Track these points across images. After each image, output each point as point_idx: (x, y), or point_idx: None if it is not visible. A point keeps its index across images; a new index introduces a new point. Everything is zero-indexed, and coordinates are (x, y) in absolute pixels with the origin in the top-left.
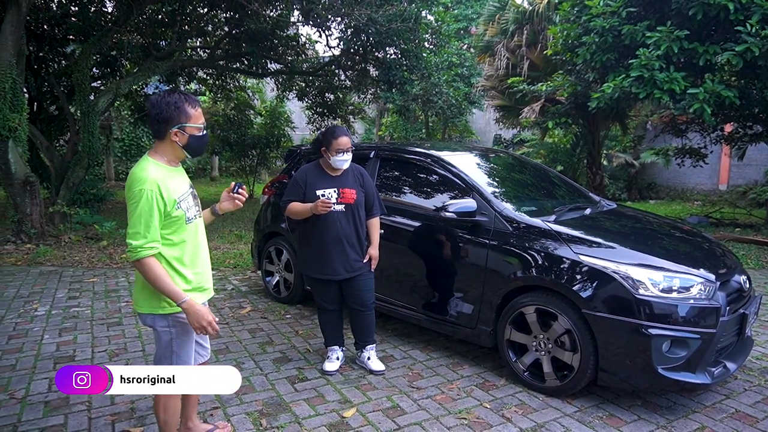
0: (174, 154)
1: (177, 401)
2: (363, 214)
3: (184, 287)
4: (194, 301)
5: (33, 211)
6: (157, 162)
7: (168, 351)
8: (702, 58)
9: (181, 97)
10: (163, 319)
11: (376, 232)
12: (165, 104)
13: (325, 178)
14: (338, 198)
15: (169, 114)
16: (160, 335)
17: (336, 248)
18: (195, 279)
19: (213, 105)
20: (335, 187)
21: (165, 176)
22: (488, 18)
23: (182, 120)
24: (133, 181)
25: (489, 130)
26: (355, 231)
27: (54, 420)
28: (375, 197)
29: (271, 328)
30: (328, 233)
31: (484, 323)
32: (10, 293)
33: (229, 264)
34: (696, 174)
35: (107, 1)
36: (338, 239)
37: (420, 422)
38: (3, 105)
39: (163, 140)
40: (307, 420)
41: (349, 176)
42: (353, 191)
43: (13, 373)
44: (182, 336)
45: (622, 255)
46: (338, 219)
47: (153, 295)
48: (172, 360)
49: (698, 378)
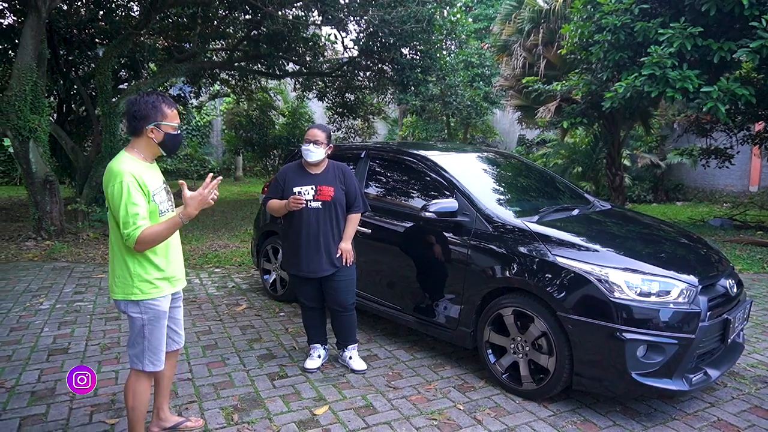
0: (149, 151)
1: (147, 388)
2: (342, 210)
3: (156, 275)
4: (183, 211)
5: (52, 209)
6: (133, 157)
7: (140, 336)
8: (716, 55)
9: (159, 98)
10: (135, 305)
11: (351, 226)
12: (143, 103)
13: (304, 176)
14: (315, 195)
15: (146, 112)
16: (133, 321)
17: (312, 245)
18: (166, 268)
19: (236, 106)
20: (313, 185)
21: (140, 169)
22: (504, 17)
23: (159, 118)
24: (110, 175)
25: (513, 131)
26: (332, 229)
27: (36, 409)
28: (357, 194)
29: (262, 326)
30: (304, 230)
31: (464, 324)
32: (21, 287)
33: (234, 262)
34: (725, 175)
35: (134, 5)
36: (314, 236)
37: (389, 422)
38: (24, 106)
39: (139, 137)
40: (278, 416)
41: (329, 174)
42: (331, 189)
43: (7, 363)
44: (154, 322)
45: (601, 257)
46: (314, 216)
47: (125, 281)
48: (144, 345)
49: (675, 384)
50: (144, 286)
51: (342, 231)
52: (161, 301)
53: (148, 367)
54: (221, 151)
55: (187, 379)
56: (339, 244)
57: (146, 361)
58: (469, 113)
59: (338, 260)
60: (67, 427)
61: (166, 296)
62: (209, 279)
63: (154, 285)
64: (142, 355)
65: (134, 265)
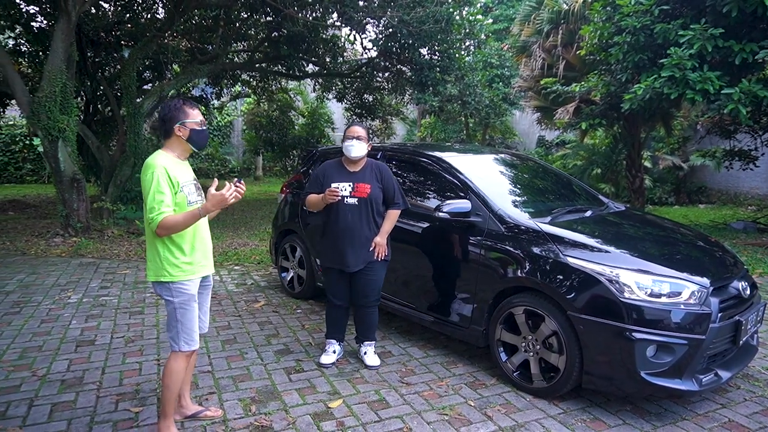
0: (181, 148)
1: (183, 368)
2: (379, 208)
3: (182, 259)
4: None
5: (79, 207)
6: (167, 154)
7: (174, 319)
8: (738, 56)
9: (181, 101)
10: (167, 289)
11: (389, 222)
12: (168, 107)
13: (342, 173)
14: (352, 191)
15: (171, 114)
16: (167, 305)
17: (347, 240)
18: (191, 254)
19: (257, 106)
20: (351, 182)
21: (171, 164)
22: (524, 18)
23: (182, 117)
24: (144, 168)
25: (532, 132)
26: (367, 224)
27: (66, 397)
28: (396, 192)
29: (280, 322)
30: (341, 225)
31: (477, 323)
32: (50, 281)
33: (253, 260)
34: (750, 177)
35: (158, 8)
36: (350, 231)
37: (401, 416)
38: (54, 107)
39: (170, 137)
40: (294, 408)
41: (366, 172)
42: (368, 186)
43: (39, 353)
44: (185, 305)
45: (612, 258)
46: (349, 212)
47: (156, 264)
48: (178, 327)
49: (685, 385)
50: (171, 269)
51: (378, 227)
52: (189, 284)
53: (184, 347)
54: (242, 150)
55: (207, 372)
56: (374, 239)
57: (182, 342)
58: (488, 114)
59: (370, 254)
60: (94, 413)
61: (193, 280)
62: (229, 276)
63: (180, 269)
64: (177, 337)
65: (163, 250)
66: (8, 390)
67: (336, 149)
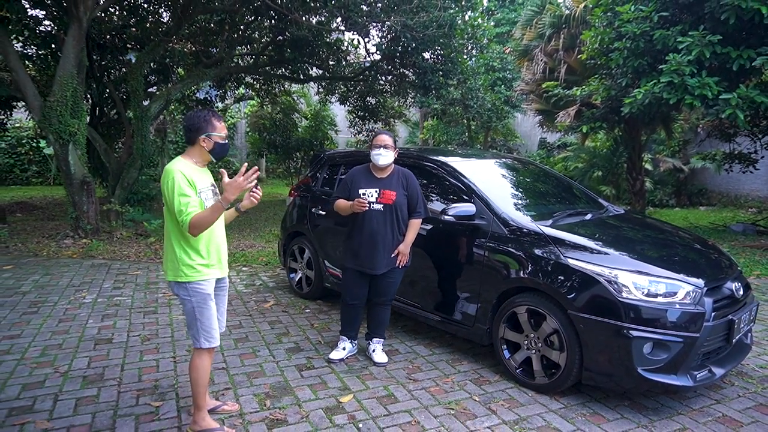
0: (201, 157)
1: (207, 364)
2: (404, 215)
3: (198, 261)
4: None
5: (89, 209)
6: (186, 161)
7: (193, 318)
8: (736, 62)
9: (210, 113)
10: (184, 289)
11: (412, 231)
12: (197, 118)
13: (370, 179)
14: (378, 198)
15: (199, 125)
16: (185, 304)
17: (370, 244)
18: (207, 255)
19: (260, 109)
20: (377, 188)
21: (190, 170)
22: (526, 22)
23: (209, 130)
24: (165, 174)
25: (534, 134)
26: (391, 230)
27: (89, 392)
28: (419, 200)
29: (289, 321)
30: (366, 229)
31: (481, 322)
32: (64, 282)
33: (261, 261)
34: (751, 180)
35: (164, 12)
36: (375, 236)
37: (410, 410)
38: (64, 111)
39: (193, 145)
40: (306, 403)
41: (393, 179)
42: (393, 193)
43: (59, 351)
44: (202, 304)
45: (611, 259)
46: (375, 217)
47: (174, 265)
48: (197, 326)
49: (680, 380)
50: (188, 270)
51: (402, 233)
52: (205, 284)
53: (204, 344)
54: (245, 153)
55: (222, 369)
56: (398, 246)
57: (202, 339)
58: (490, 117)
59: (393, 260)
60: (117, 407)
61: (209, 280)
62: (238, 277)
63: (196, 269)
64: (198, 335)
65: (180, 251)
66: (33, 386)
67: (343, 153)
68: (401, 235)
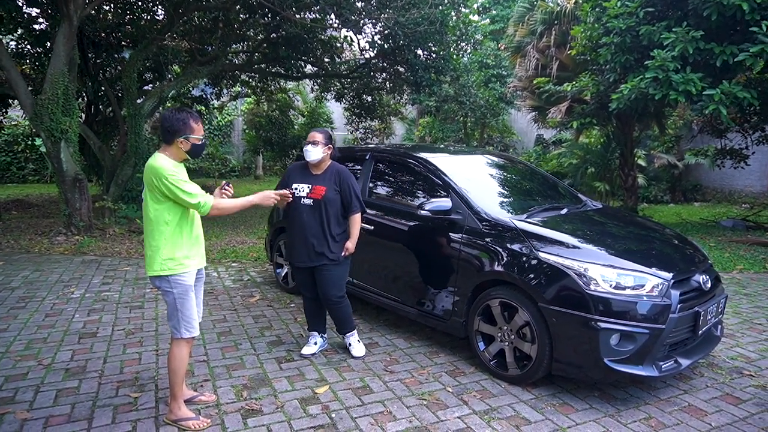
0: (178, 156)
1: (185, 354)
2: (334, 210)
3: (179, 254)
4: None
5: (82, 206)
6: (166, 156)
7: (174, 309)
8: (719, 58)
9: (188, 115)
10: (166, 281)
11: (354, 227)
12: (175, 120)
13: (305, 175)
14: (309, 193)
15: (178, 127)
16: (167, 296)
17: (300, 237)
18: (189, 250)
19: (256, 106)
20: (310, 184)
21: (174, 166)
22: (518, 19)
23: (187, 132)
24: (155, 171)
25: (530, 130)
26: (320, 224)
27: (70, 384)
28: (352, 196)
29: (273, 315)
30: (297, 224)
31: (457, 315)
32: (54, 278)
33: (251, 257)
34: (744, 175)
35: (158, 9)
36: (303, 229)
37: (383, 401)
38: (56, 109)
39: (170, 145)
40: (282, 393)
41: (326, 175)
42: (323, 188)
43: (44, 344)
44: (183, 295)
45: (581, 253)
46: (305, 212)
47: (155, 260)
48: (178, 317)
49: (645, 371)
50: (171, 263)
51: (329, 227)
52: (186, 276)
53: (185, 334)
54: (242, 150)
55: (202, 361)
56: (330, 241)
57: (183, 330)
58: (484, 113)
59: (328, 253)
60: (96, 398)
61: (189, 272)
62: (226, 272)
63: (179, 262)
64: (179, 325)
65: (164, 246)
66: (16, 378)
67: None
68: (342, 231)
